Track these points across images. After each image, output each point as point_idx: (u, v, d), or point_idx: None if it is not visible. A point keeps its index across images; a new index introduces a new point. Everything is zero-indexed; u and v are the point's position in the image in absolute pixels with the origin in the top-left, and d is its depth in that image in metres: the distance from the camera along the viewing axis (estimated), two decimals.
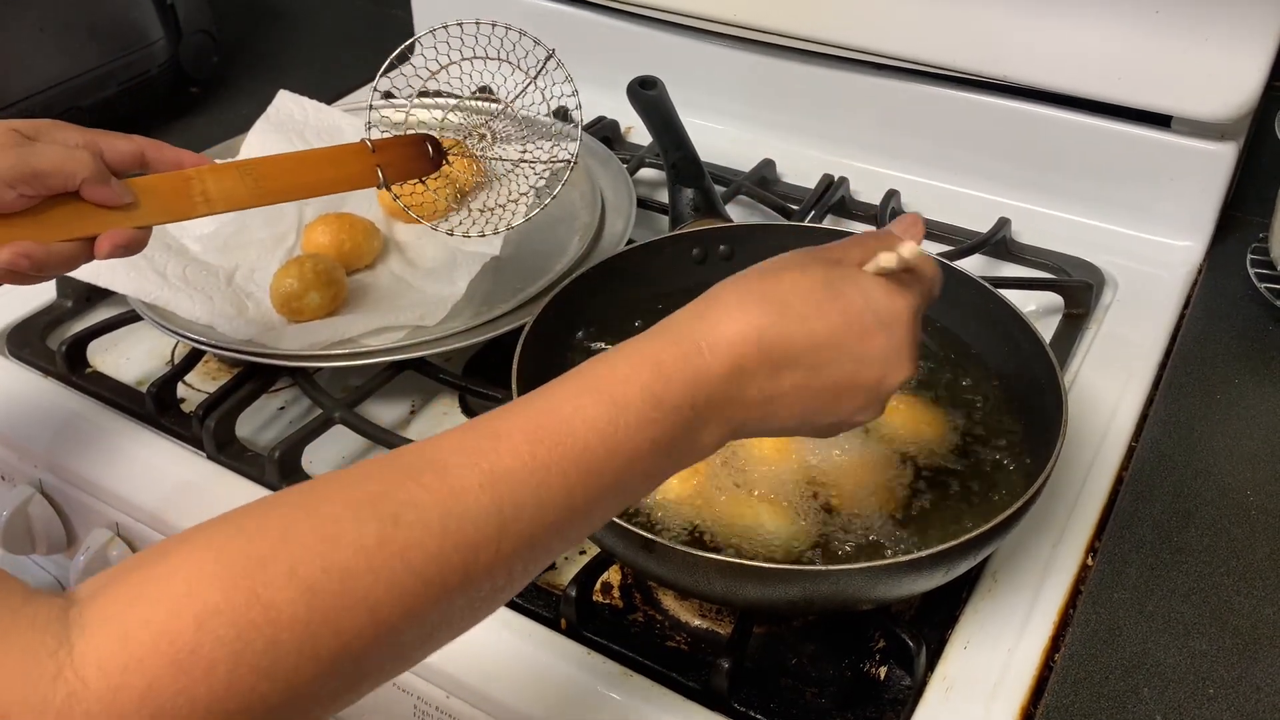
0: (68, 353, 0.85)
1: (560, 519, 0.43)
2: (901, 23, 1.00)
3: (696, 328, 0.48)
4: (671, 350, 0.47)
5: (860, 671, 0.64)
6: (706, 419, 0.47)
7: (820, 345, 0.49)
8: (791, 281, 0.50)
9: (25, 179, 0.59)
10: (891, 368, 0.51)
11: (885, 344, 0.50)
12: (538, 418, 0.44)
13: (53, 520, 0.85)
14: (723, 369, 0.47)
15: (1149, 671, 0.62)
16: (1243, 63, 0.88)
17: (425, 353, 0.80)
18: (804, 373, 0.49)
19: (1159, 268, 0.96)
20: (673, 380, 0.46)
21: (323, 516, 0.39)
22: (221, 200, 0.68)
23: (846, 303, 0.50)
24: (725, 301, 0.49)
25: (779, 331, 0.48)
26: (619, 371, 0.46)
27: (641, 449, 0.45)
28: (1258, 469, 0.76)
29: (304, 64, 1.36)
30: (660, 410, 0.45)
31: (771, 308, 0.48)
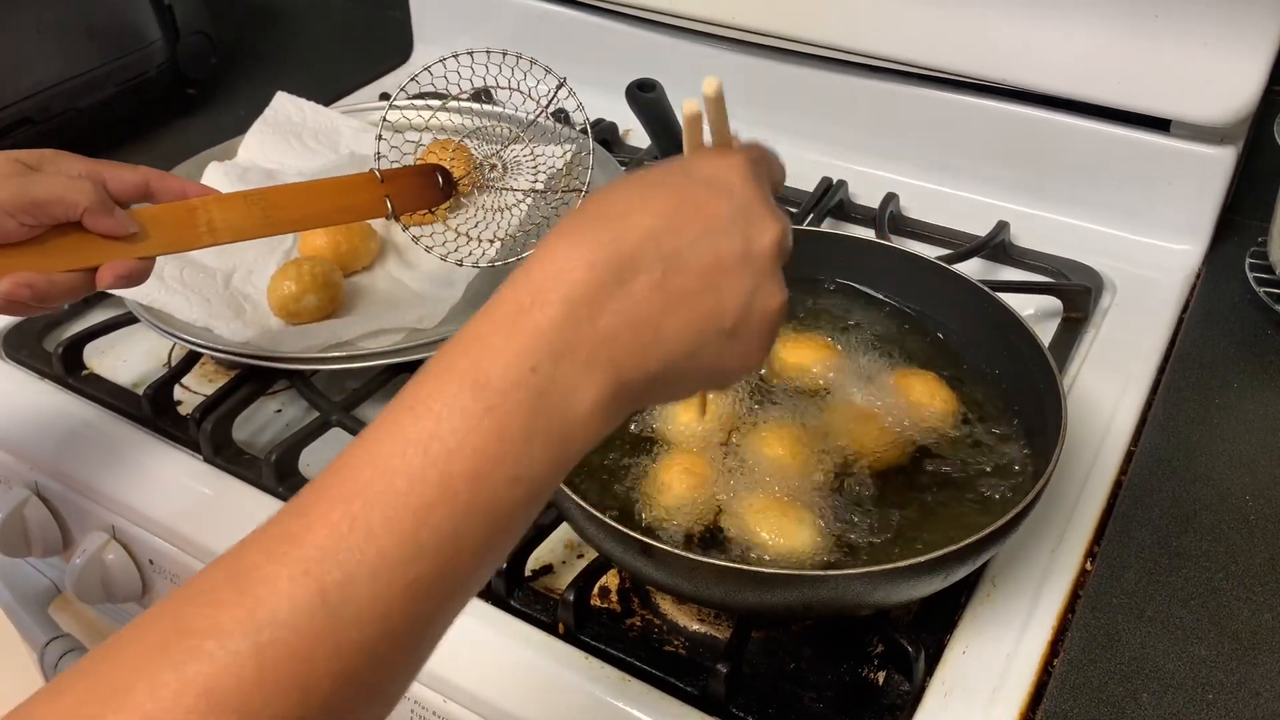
0: (64, 355, 0.85)
1: (413, 577, 0.36)
2: (901, 26, 1.00)
3: (516, 287, 0.40)
4: (490, 324, 0.39)
5: (859, 676, 0.64)
6: (560, 377, 0.39)
7: (657, 233, 0.42)
8: (608, 191, 0.44)
9: (26, 208, 0.59)
10: (754, 227, 0.44)
11: (729, 205, 0.44)
12: (349, 470, 0.37)
13: (48, 523, 0.84)
14: (554, 313, 0.39)
15: (1148, 676, 0.62)
16: (1242, 67, 0.88)
17: (423, 355, 0.80)
18: (656, 270, 0.41)
19: (1158, 271, 0.96)
20: (495, 356, 0.38)
21: (122, 662, 0.33)
22: (227, 231, 0.68)
23: (668, 184, 0.44)
24: (542, 246, 0.42)
25: (606, 241, 0.41)
26: (432, 371, 0.39)
27: (484, 452, 0.37)
28: (1257, 473, 0.76)
29: (302, 66, 1.36)
30: (488, 395, 0.38)
31: (591, 223, 0.42)
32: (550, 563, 0.71)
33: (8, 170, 0.60)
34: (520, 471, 0.38)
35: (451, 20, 1.29)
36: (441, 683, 0.65)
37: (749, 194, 0.45)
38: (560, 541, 0.73)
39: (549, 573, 0.71)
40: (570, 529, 0.65)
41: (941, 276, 0.79)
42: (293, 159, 1.00)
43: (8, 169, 0.60)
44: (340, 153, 1.02)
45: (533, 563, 0.70)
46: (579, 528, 0.63)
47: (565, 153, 0.86)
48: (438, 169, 0.79)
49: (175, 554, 0.76)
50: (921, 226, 1.01)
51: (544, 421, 0.39)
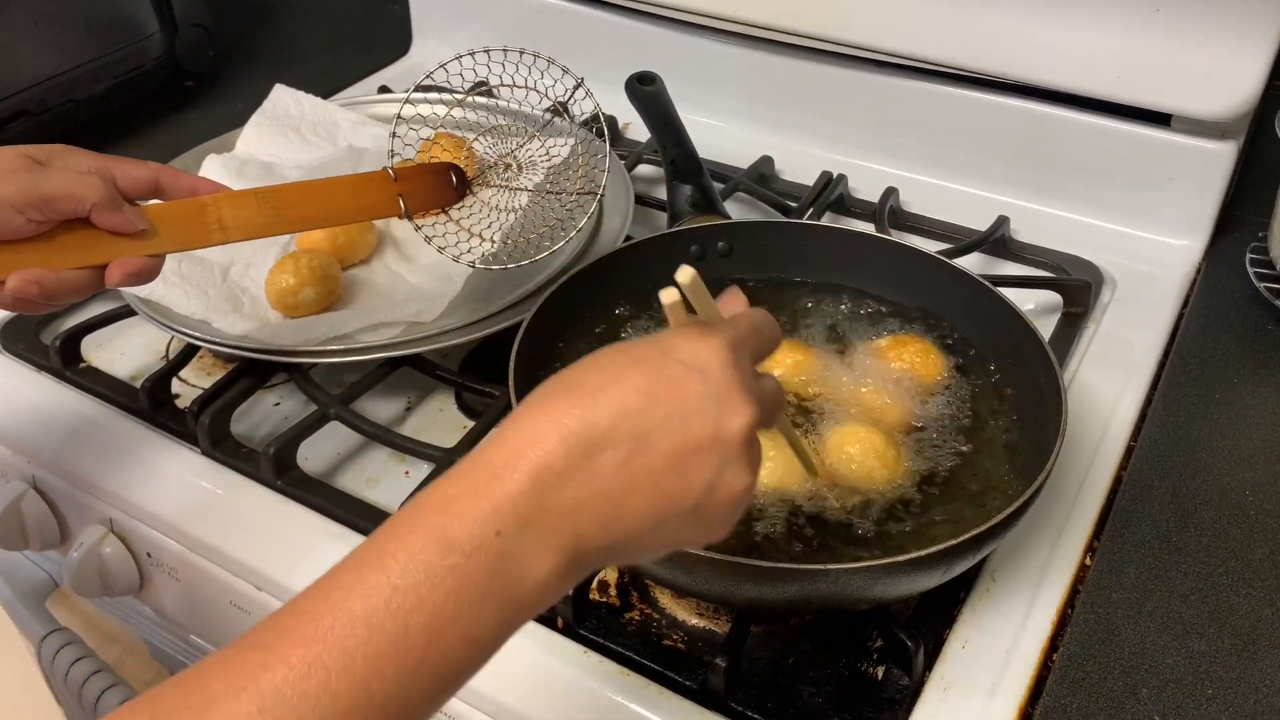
0: (62, 348, 0.85)
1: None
2: (901, 20, 0.99)
3: (488, 451, 0.42)
4: (462, 483, 0.41)
5: (858, 671, 0.64)
6: (521, 544, 0.40)
7: (630, 412, 0.42)
8: (588, 363, 0.45)
9: (34, 204, 0.58)
10: (725, 411, 0.44)
11: (702, 388, 0.44)
12: (312, 611, 0.38)
13: (46, 516, 0.84)
14: (524, 480, 0.40)
15: (1147, 671, 0.62)
16: (1243, 62, 0.87)
17: (421, 349, 0.80)
18: (623, 449, 0.42)
19: (1158, 267, 0.95)
20: (464, 515, 0.39)
21: None
22: (237, 228, 0.67)
23: (644, 360, 0.44)
24: (516, 412, 0.43)
25: (578, 415, 0.42)
26: (402, 523, 0.40)
27: (442, 609, 0.38)
28: (1256, 469, 0.76)
29: (300, 58, 1.35)
30: (451, 555, 0.39)
31: (565, 395, 0.43)
32: None
33: (16, 165, 0.59)
34: (473, 632, 0.39)
35: (450, 13, 1.29)
36: None
37: (724, 377, 0.44)
38: None
39: None
40: None
41: (942, 271, 0.79)
42: (291, 152, 1.00)
43: (16, 164, 0.59)
44: (338, 145, 1.01)
45: None
46: None
47: (579, 154, 0.85)
48: (452, 168, 0.78)
49: (173, 547, 0.76)
50: (922, 221, 1.01)
51: (500, 585, 0.40)
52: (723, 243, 0.83)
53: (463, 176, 0.79)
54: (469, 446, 0.75)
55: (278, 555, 0.72)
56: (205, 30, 1.25)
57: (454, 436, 0.77)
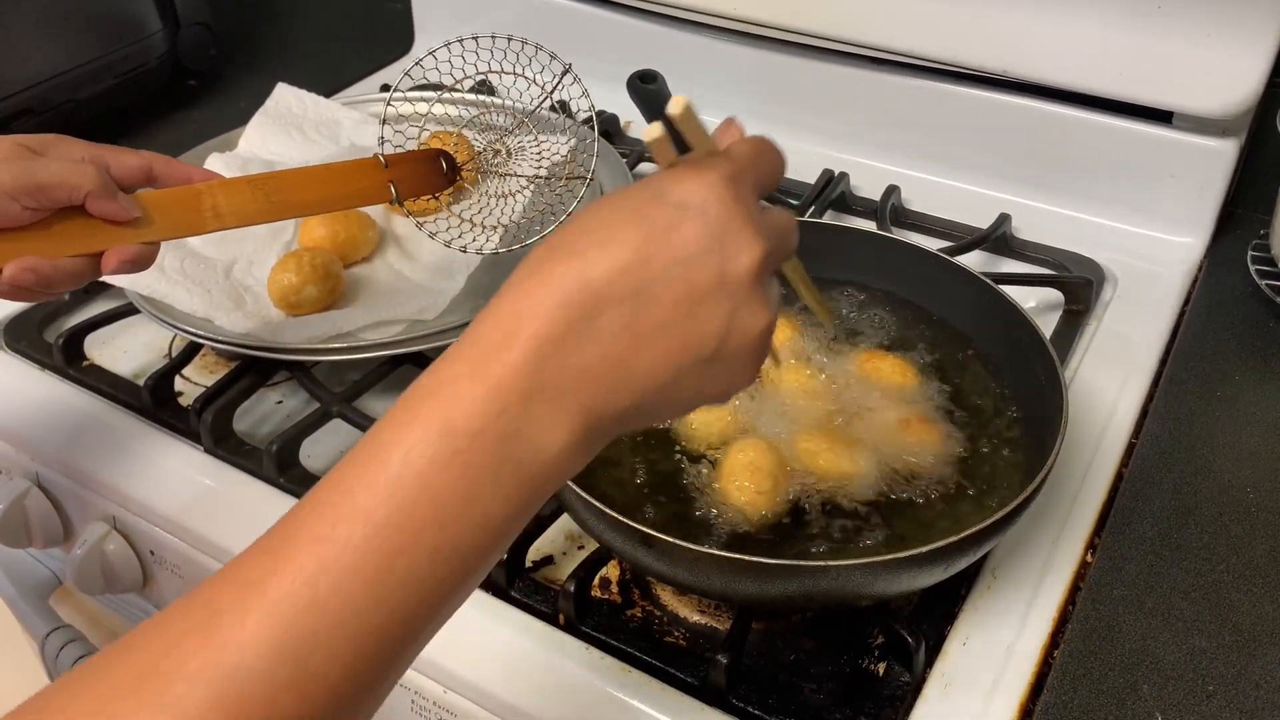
0: (65, 346, 0.85)
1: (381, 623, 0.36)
2: (903, 18, 0.99)
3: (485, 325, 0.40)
4: (460, 364, 0.39)
5: (859, 668, 0.64)
6: (530, 420, 0.38)
7: (626, 266, 0.40)
8: (580, 219, 0.42)
9: (29, 191, 0.59)
10: (730, 249, 0.41)
11: (701, 228, 0.41)
12: (316, 515, 0.37)
13: (49, 514, 0.85)
14: (522, 354, 0.38)
15: (1148, 668, 0.62)
16: (1244, 59, 0.87)
17: (423, 346, 0.80)
18: (625, 306, 0.39)
19: (1159, 264, 0.95)
20: (463, 399, 0.38)
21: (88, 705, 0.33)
22: (232, 215, 0.67)
23: (636, 206, 0.41)
24: (510, 281, 0.41)
25: (574, 276, 0.39)
26: (399, 417, 0.38)
27: (449, 498, 0.37)
28: (1258, 466, 0.76)
29: (303, 57, 1.36)
30: (454, 438, 0.37)
31: (560, 257, 0.40)
32: (551, 554, 0.71)
33: (11, 154, 0.60)
34: (487, 517, 0.38)
35: (453, 11, 1.29)
36: (441, 672, 0.65)
37: (724, 213, 0.41)
38: (561, 532, 0.73)
39: (549, 564, 0.71)
40: (571, 520, 0.65)
41: (943, 269, 0.79)
42: (293, 150, 1.00)
43: (11, 153, 0.60)
44: (341, 144, 1.01)
45: (533, 553, 0.70)
46: (579, 519, 0.63)
47: (568, 140, 0.86)
48: (441, 154, 0.79)
49: (176, 545, 0.76)
50: (923, 219, 1.01)
51: (513, 464, 0.38)
52: None
53: (452, 162, 0.79)
54: None
55: None
56: (208, 29, 1.25)
57: None
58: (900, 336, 0.79)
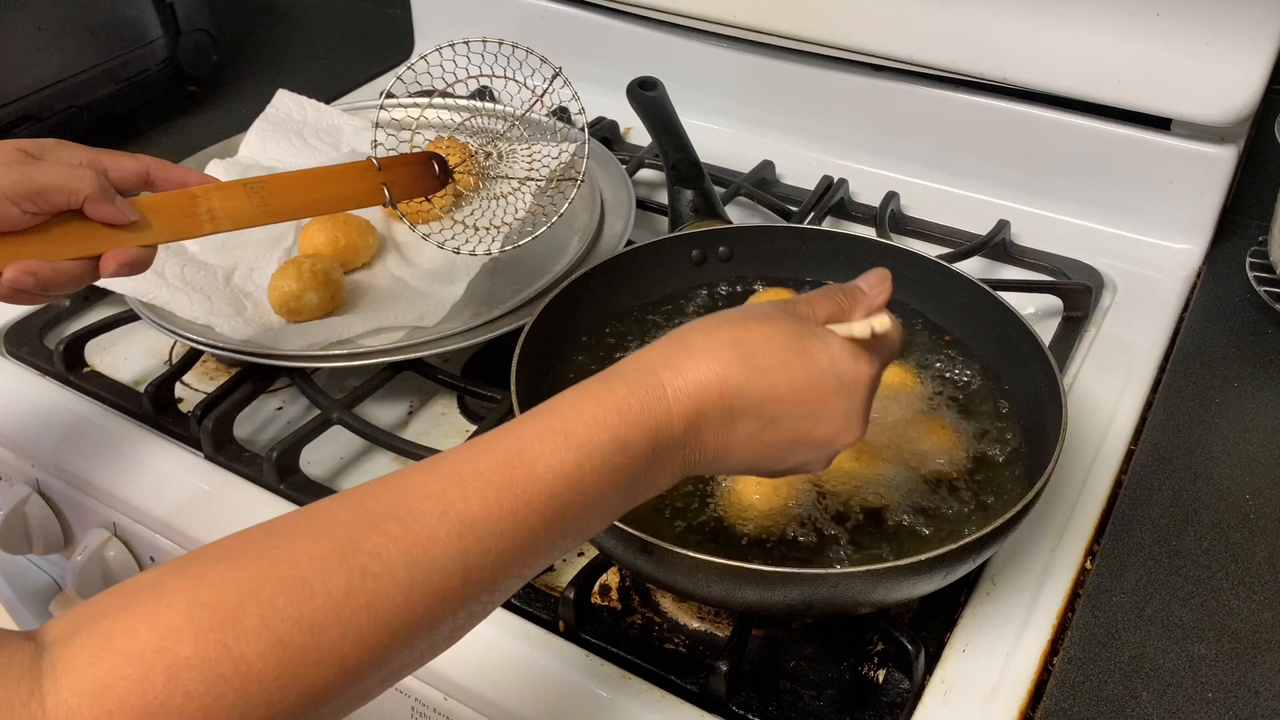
0: (65, 352, 0.85)
1: (522, 561, 0.44)
2: (902, 25, 1.00)
3: (662, 373, 0.49)
4: (638, 395, 0.48)
5: (859, 675, 0.64)
6: (665, 461, 0.48)
7: (780, 399, 0.50)
8: (761, 334, 0.51)
9: (29, 195, 0.60)
10: (844, 430, 0.52)
11: (843, 407, 0.52)
12: (505, 462, 0.44)
13: (50, 520, 0.85)
14: (684, 415, 0.48)
15: (1148, 675, 0.62)
16: (1243, 66, 0.88)
17: (424, 353, 0.80)
18: (761, 424, 0.50)
19: (1158, 271, 0.96)
20: (636, 425, 0.47)
21: (292, 567, 0.39)
22: (227, 218, 0.68)
23: (811, 362, 0.51)
24: (692, 346, 0.50)
25: (742, 382, 0.49)
26: (585, 415, 0.46)
27: (605, 492, 0.46)
28: (1257, 473, 0.76)
29: (303, 63, 1.36)
30: (624, 455, 0.46)
31: (737, 357, 0.50)
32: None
33: (10, 158, 0.61)
34: (610, 514, 0.48)
35: (453, 18, 1.29)
36: (442, 680, 0.65)
37: (861, 403, 0.52)
38: None
39: (549, 570, 0.71)
40: None
41: (942, 275, 0.79)
42: (293, 157, 1.00)
43: (10, 157, 0.61)
44: (341, 150, 1.02)
45: None
46: None
47: (560, 143, 0.86)
48: (433, 156, 0.79)
49: (176, 551, 0.76)
50: (922, 225, 1.01)
51: (640, 486, 0.48)
52: (724, 247, 0.83)
53: (444, 165, 0.80)
54: None
55: None
56: (209, 35, 1.26)
57: (456, 440, 0.78)
58: None
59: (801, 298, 0.55)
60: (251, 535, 0.41)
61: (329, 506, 0.42)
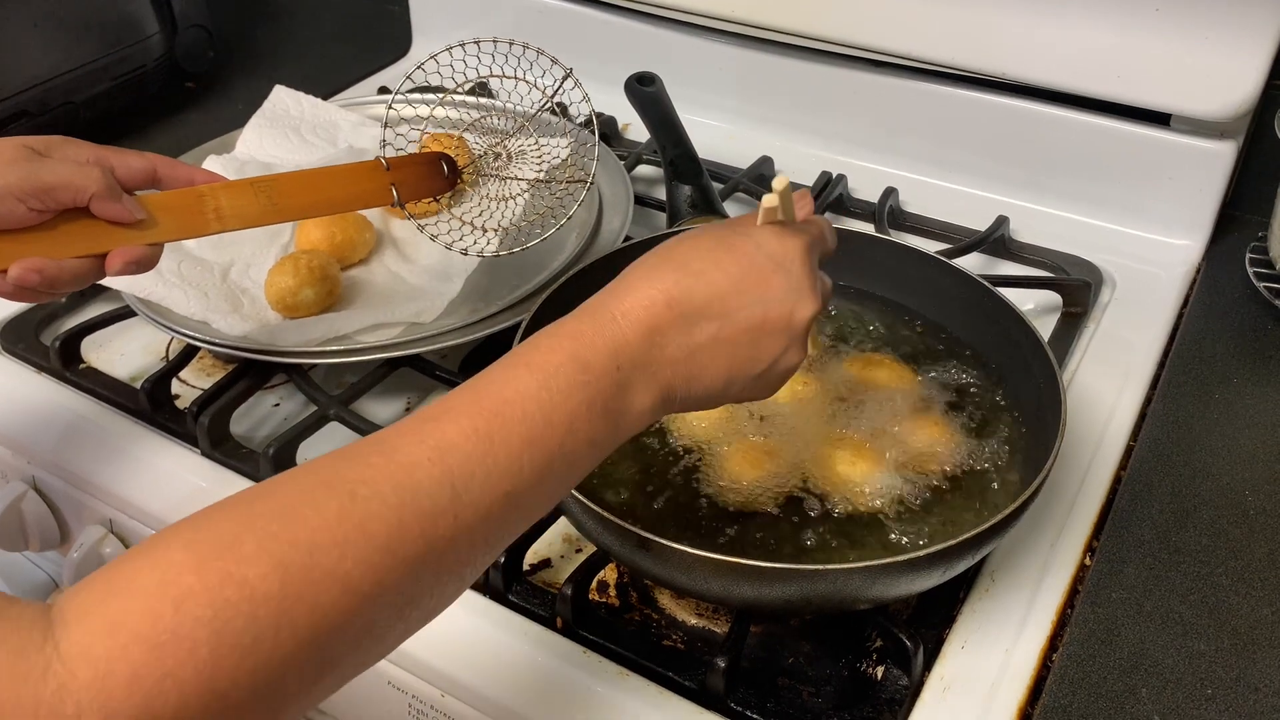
0: (62, 348, 0.85)
1: (512, 487, 0.45)
2: (900, 20, 0.99)
3: (608, 301, 0.51)
4: (589, 322, 0.50)
5: (857, 671, 0.64)
6: (633, 380, 0.50)
7: (724, 294, 0.52)
8: (689, 244, 0.54)
9: (35, 193, 0.59)
10: (798, 303, 0.54)
11: (785, 283, 0.54)
12: (475, 395, 0.46)
13: (46, 517, 0.84)
14: (638, 331, 0.50)
15: (1147, 671, 0.62)
16: (1242, 61, 0.87)
17: (421, 349, 0.80)
18: (716, 322, 0.52)
19: (1157, 266, 0.95)
20: (594, 346, 0.49)
21: (282, 497, 0.41)
22: (234, 217, 0.68)
23: (740, 252, 0.53)
24: (631, 274, 0.53)
25: (683, 288, 0.51)
26: (543, 345, 0.49)
27: (577, 412, 0.47)
28: (1256, 469, 0.76)
29: (300, 59, 1.36)
30: (587, 373, 0.48)
31: (672, 269, 0.52)
32: (548, 557, 0.71)
33: (16, 155, 0.60)
34: (594, 436, 0.48)
35: (450, 13, 1.29)
36: (439, 676, 0.65)
37: (801, 273, 0.55)
38: (558, 536, 0.73)
39: (547, 567, 0.71)
40: (569, 523, 0.65)
41: (941, 271, 0.79)
42: (291, 153, 1.00)
43: (16, 154, 0.60)
44: (338, 146, 1.01)
45: (531, 557, 0.70)
46: (577, 522, 0.63)
47: (568, 144, 0.86)
48: (442, 157, 0.79)
49: None
50: (921, 221, 1.01)
51: (615, 406, 0.49)
52: None
53: (453, 165, 0.79)
54: None
55: None
56: (205, 31, 1.25)
57: None
58: (897, 339, 0.79)
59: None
60: (241, 491, 0.42)
61: (310, 461, 0.44)
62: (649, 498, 0.67)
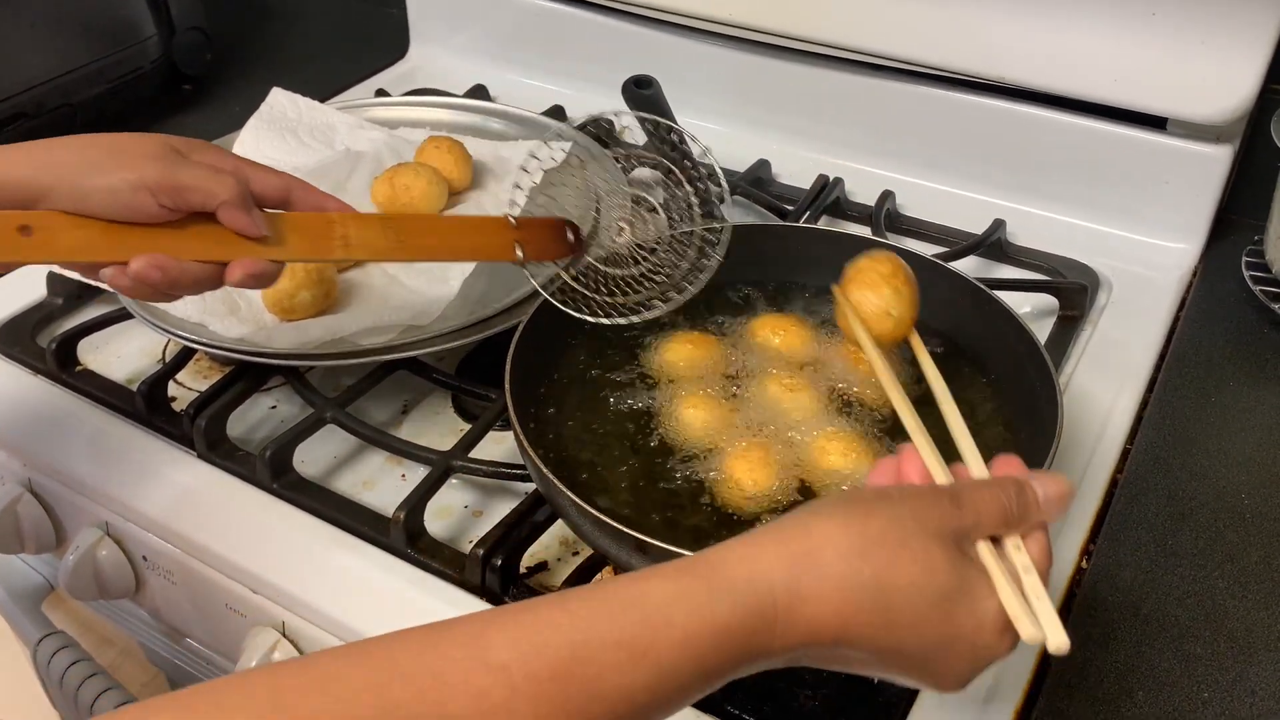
0: (58, 350, 0.85)
1: None
2: (897, 23, 1.00)
3: (780, 596, 0.42)
4: (741, 617, 0.41)
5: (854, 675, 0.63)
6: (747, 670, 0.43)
7: (898, 654, 0.44)
8: (909, 580, 0.43)
9: (168, 190, 0.59)
10: (945, 684, 0.46)
11: (959, 670, 0.46)
12: (563, 671, 0.38)
13: (42, 519, 0.84)
14: (785, 650, 0.42)
15: (1143, 675, 0.62)
16: (1239, 65, 0.88)
17: (418, 352, 0.80)
18: (863, 659, 0.45)
19: (1154, 270, 0.96)
20: (729, 654, 0.41)
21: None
22: (361, 247, 0.67)
23: (953, 628, 0.44)
24: (826, 570, 0.42)
25: (867, 634, 0.43)
26: (675, 630, 0.40)
27: (670, 709, 0.41)
28: (1252, 472, 0.76)
29: (298, 61, 1.36)
30: (706, 682, 0.41)
31: (872, 605, 0.43)
32: (545, 560, 0.71)
33: (158, 152, 0.60)
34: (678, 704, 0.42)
35: (448, 16, 1.29)
36: None
37: (977, 670, 0.46)
38: (555, 538, 0.72)
39: (544, 570, 0.71)
40: (565, 526, 0.65)
41: (938, 274, 0.79)
42: (288, 155, 1.00)
43: (158, 151, 0.61)
44: (335, 149, 1.01)
45: (528, 559, 0.70)
46: (574, 524, 0.63)
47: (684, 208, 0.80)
48: (567, 224, 0.77)
49: (169, 550, 0.76)
50: (918, 224, 1.01)
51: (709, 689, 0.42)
52: None
53: (578, 234, 0.77)
54: (466, 449, 0.75)
55: (273, 558, 0.72)
56: (203, 33, 1.25)
57: (450, 439, 0.77)
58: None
59: (967, 493, 0.47)
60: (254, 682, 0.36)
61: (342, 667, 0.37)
62: (646, 500, 0.67)
